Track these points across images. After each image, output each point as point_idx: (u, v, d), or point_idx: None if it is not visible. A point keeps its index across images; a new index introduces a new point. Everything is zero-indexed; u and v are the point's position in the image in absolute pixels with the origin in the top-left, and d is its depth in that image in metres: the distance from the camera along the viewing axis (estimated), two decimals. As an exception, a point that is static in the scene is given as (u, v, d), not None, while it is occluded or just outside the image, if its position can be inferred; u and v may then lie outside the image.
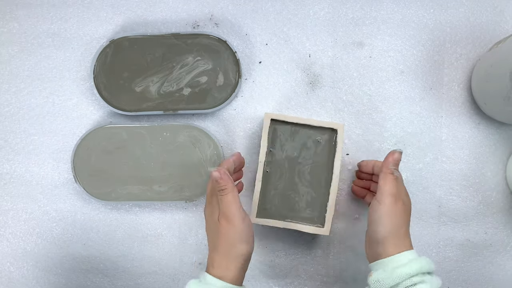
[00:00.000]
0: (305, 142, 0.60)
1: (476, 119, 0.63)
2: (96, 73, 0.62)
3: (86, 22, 0.65)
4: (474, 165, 0.63)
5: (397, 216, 0.48)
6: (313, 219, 0.60)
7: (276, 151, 0.60)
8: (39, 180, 0.65)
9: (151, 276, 0.65)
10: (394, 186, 0.49)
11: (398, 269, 0.45)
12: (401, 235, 0.48)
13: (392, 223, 0.48)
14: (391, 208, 0.48)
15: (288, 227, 0.59)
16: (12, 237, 0.66)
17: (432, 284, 0.45)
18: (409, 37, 0.64)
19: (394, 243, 0.47)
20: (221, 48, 0.62)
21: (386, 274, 0.46)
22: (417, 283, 0.45)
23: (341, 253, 0.64)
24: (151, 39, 0.62)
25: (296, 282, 0.64)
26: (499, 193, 0.63)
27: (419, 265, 0.46)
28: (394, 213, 0.48)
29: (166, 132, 0.62)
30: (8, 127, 0.66)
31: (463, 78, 0.63)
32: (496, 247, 0.63)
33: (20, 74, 0.66)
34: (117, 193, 0.62)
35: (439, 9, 0.64)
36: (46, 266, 0.65)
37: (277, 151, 0.60)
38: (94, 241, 0.65)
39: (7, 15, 0.66)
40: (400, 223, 0.48)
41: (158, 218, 0.65)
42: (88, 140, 0.62)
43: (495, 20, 0.63)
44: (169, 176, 0.62)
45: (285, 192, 0.60)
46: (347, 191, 0.63)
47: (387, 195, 0.49)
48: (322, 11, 0.64)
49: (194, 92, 0.62)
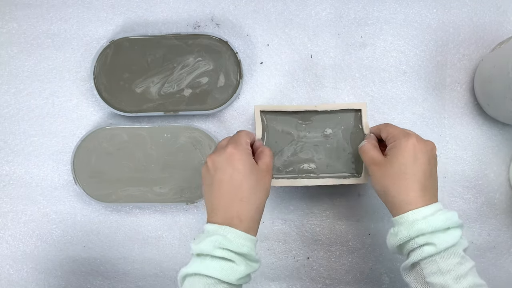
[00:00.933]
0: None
1: (479, 120, 0.63)
2: (96, 74, 0.62)
3: (86, 23, 0.65)
4: (477, 166, 0.63)
5: (385, 180, 0.47)
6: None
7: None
8: (38, 181, 0.65)
9: (151, 278, 0.65)
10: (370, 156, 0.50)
11: (401, 231, 0.45)
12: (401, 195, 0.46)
13: (384, 189, 0.47)
14: (376, 176, 0.48)
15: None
16: (11, 239, 0.65)
17: (440, 245, 0.43)
18: (411, 38, 0.63)
19: (396, 204, 0.46)
20: (222, 48, 0.61)
21: (392, 234, 0.46)
22: (423, 245, 0.44)
23: (343, 255, 0.63)
24: (152, 39, 0.61)
25: (298, 284, 0.63)
26: (502, 194, 0.63)
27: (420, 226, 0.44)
28: (380, 179, 0.48)
29: (167, 134, 0.62)
30: (8, 128, 0.65)
31: (466, 78, 0.63)
32: (499, 249, 0.63)
33: (19, 75, 0.65)
34: (118, 194, 0.62)
35: (442, 9, 0.63)
36: (45, 269, 0.65)
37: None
38: (94, 243, 0.65)
39: (7, 15, 0.65)
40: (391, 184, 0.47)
41: (159, 220, 0.64)
42: (88, 142, 0.62)
43: (498, 21, 0.63)
44: (169, 177, 0.61)
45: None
46: (347, 192, 0.63)
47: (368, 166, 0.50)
48: (324, 12, 0.64)
49: (195, 93, 0.61)
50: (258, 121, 0.58)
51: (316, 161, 0.58)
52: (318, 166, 0.58)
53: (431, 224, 0.44)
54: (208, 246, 0.44)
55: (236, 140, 0.49)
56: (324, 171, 0.58)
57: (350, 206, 0.63)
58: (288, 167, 0.58)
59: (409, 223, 0.44)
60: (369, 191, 0.63)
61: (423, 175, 0.46)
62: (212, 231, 0.45)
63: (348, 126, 0.58)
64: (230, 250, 0.44)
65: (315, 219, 0.63)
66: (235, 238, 0.44)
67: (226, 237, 0.44)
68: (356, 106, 0.57)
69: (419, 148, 0.47)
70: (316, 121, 0.59)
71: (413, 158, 0.46)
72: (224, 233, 0.44)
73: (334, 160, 0.58)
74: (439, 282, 0.43)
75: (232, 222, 0.45)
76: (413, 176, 0.46)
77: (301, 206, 0.63)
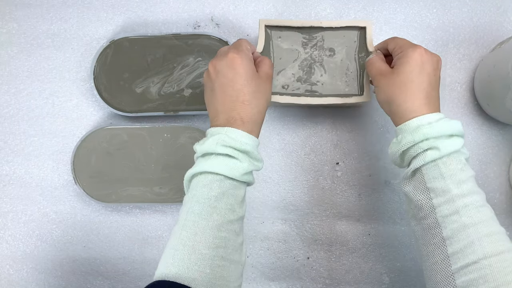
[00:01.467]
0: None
1: (479, 120, 0.63)
2: (96, 74, 0.62)
3: (86, 23, 0.65)
4: (477, 166, 0.63)
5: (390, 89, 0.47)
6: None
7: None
8: (38, 181, 0.65)
9: (152, 278, 0.64)
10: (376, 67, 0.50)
11: (405, 137, 0.45)
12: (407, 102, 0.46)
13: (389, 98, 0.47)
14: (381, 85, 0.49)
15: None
16: (11, 239, 0.65)
17: (444, 149, 0.43)
18: (411, 38, 0.63)
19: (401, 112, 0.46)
20: (222, 48, 0.61)
21: (396, 141, 0.46)
22: (427, 149, 0.44)
23: (343, 255, 0.63)
24: (152, 39, 0.61)
25: (298, 284, 0.63)
26: (502, 194, 0.63)
27: (425, 131, 0.44)
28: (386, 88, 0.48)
29: (167, 134, 0.61)
30: (8, 128, 0.65)
31: (466, 78, 0.63)
32: (499, 249, 0.63)
33: (19, 75, 0.65)
34: (118, 194, 0.62)
35: (442, 9, 0.63)
36: (45, 269, 0.65)
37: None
38: (94, 243, 0.65)
39: (7, 15, 0.65)
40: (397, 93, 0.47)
41: (159, 220, 0.64)
42: (88, 142, 0.62)
43: (498, 21, 0.63)
44: (169, 177, 0.61)
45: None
46: (347, 192, 0.63)
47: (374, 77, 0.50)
48: (324, 12, 0.64)
49: (195, 93, 0.61)
50: (262, 35, 0.57)
51: (320, 79, 0.58)
52: (322, 85, 0.58)
53: (435, 129, 0.44)
54: (211, 145, 0.45)
55: (237, 46, 0.50)
56: (328, 90, 0.58)
57: (350, 206, 0.63)
58: (291, 84, 0.58)
59: (414, 128, 0.45)
60: (369, 191, 0.63)
61: (428, 84, 0.47)
62: (215, 132, 0.46)
63: (352, 45, 0.58)
64: (233, 147, 0.45)
65: (315, 219, 0.63)
66: (238, 136, 0.46)
67: (228, 136, 0.45)
68: (361, 23, 0.57)
69: (426, 58, 0.47)
70: (321, 39, 0.58)
71: (419, 67, 0.47)
72: (227, 132, 0.46)
73: (338, 79, 0.58)
74: (440, 186, 0.43)
75: (234, 123, 0.46)
76: (419, 85, 0.46)
77: (301, 206, 0.63)
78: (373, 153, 0.63)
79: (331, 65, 0.58)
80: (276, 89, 0.58)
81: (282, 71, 0.58)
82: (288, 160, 0.64)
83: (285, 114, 0.64)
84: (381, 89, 0.49)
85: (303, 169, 0.63)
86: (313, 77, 0.58)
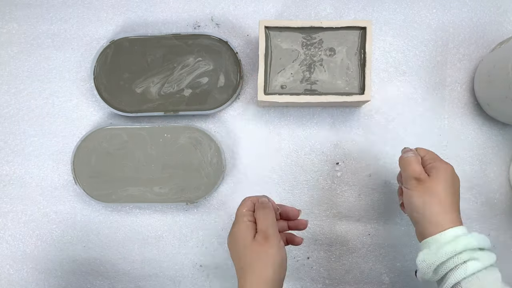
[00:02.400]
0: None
1: (479, 120, 0.63)
2: (96, 74, 0.62)
3: (86, 23, 0.65)
4: (477, 166, 0.63)
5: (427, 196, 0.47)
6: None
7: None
8: (38, 181, 0.65)
9: (151, 278, 0.65)
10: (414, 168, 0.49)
11: (443, 247, 0.44)
12: (443, 213, 0.46)
13: (425, 205, 0.47)
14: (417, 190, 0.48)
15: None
16: (11, 239, 0.65)
17: (484, 261, 0.43)
18: (411, 38, 0.63)
19: (436, 222, 0.46)
20: (222, 48, 0.61)
21: (431, 252, 0.45)
22: (467, 260, 0.43)
23: (343, 255, 0.63)
24: (152, 39, 0.61)
25: (298, 284, 0.63)
26: (502, 194, 0.63)
27: (465, 241, 0.44)
28: (422, 194, 0.47)
29: (167, 134, 0.61)
30: (8, 128, 0.65)
31: (466, 79, 0.63)
32: (499, 249, 0.63)
33: (19, 75, 0.65)
34: (118, 194, 0.62)
35: (442, 9, 0.63)
36: (45, 269, 0.65)
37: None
38: (94, 243, 0.65)
39: (7, 15, 0.65)
40: (434, 202, 0.46)
41: (159, 220, 0.64)
42: (88, 142, 0.62)
43: (498, 21, 0.63)
44: (169, 177, 0.61)
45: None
46: (347, 192, 0.63)
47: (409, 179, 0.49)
48: (324, 12, 0.64)
49: (195, 93, 0.61)
50: (262, 37, 0.57)
51: (320, 78, 0.58)
52: (321, 84, 0.58)
53: (476, 239, 0.44)
54: None
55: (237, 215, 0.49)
56: (327, 89, 0.58)
57: (350, 206, 0.63)
58: (291, 84, 0.58)
59: (451, 238, 0.45)
60: (369, 191, 0.63)
61: (459, 198, 0.49)
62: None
63: (352, 45, 0.58)
64: None
65: (315, 219, 0.63)
66: None
67: None
68: (361, 23, 0.57)
69: (455, 173, 0.49)
70: (321, 39, 0.58)
71: (453, 181, 0.48)
72: None
73: (338, 78, 0.58)
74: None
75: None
76: (456, 197, 0.48)
77: (301, 206, 0.63)
78: (373, 153, 0.63)
79: (331, 64, 0.58)
80: (275, 89, 0.58)
81: (281, 71, 0.58)
82: (288, 160, 0.64)
83: (285, 114, 0.64)
84: (415, 193, 0.48)
85: (303, 169, 0.63)
86: (313, 76, 0.58)
